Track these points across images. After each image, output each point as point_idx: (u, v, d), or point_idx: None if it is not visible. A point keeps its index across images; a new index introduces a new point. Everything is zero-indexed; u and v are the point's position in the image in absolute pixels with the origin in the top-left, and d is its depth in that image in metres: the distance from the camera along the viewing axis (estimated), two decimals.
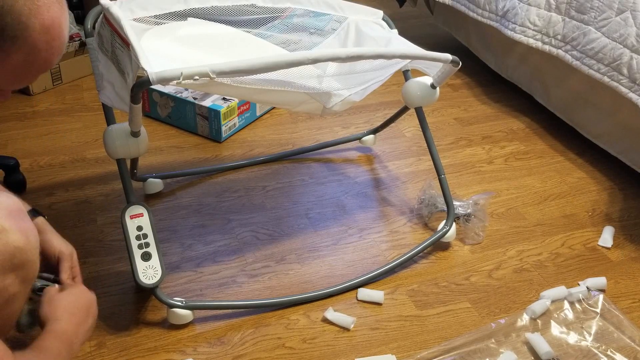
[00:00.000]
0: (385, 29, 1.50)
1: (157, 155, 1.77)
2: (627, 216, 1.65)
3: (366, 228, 1.54)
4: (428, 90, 1.48)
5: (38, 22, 0.80)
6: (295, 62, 1.03)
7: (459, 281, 1.39)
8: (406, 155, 1.86)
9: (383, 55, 1.13)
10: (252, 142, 1.87)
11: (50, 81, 2.10)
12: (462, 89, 2.30)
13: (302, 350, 1.20)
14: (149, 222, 1.20)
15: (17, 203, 0.88)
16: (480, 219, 1.52)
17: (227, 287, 1.34)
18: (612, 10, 1.67)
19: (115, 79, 1.21)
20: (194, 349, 1.19)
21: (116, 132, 1.20)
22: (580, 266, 1.46)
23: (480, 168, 1.82)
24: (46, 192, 1.59)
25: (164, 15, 1.30)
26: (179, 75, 0.96)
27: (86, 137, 1.84)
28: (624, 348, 1.24)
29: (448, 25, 2.51)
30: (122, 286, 1.32)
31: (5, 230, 0.81)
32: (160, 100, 1.91)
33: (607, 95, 1.76)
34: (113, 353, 1.17)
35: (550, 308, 1.32)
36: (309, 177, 1.72)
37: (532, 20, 1.93)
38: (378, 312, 1.30)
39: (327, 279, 1.38)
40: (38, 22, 0.80)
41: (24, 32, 0.79)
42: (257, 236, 1.49)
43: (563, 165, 1.85)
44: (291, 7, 1.44)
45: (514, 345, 1.23)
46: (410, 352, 1.21)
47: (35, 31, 0.80)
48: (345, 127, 1.98)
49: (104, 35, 1.22)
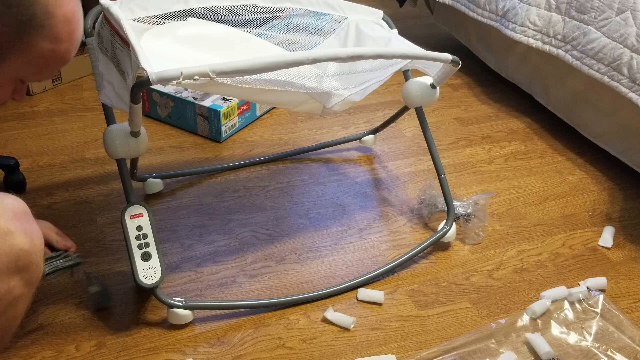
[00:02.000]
0: (385, 29, 1.50)
1: (157, 155, 1.77)
2: (627, 216, 1.64)
3: (366, 228, 1.54)
4: (428, 90, 1.48)
5: (61, 13, 0.84)
6: (295, 62, 1.03)
7: (459, 281, 1.39)
8: (406, 155, 1.86)
9: (383, 55, 1.13)
10: (252, 142, 1.87)
11: (50, 81, 2.10)
12: (462, 89, 2.30)
13: (302, 350, 1.20)
14: (149, 222, 1.20)
15: (23, 205, 0.88)
16: (480, 219, 1.52)
17: (227, 287, 1.33)
18: (612, 10, 1.67)
19: (115, 79, 1.21)
20: (194, 349, 1.19)
21: (116, 132, 1.20)
22: (580, 266, 1.46)
23: (480, 168, 1.82)
24: (46, 192, 1.59)
25: (164, 15, 1.30)
26: (179, 75, 0.96)
27: (86, 137, 1.84)
28: (624, 348, 1.24)
29: (448, 25, 2.51)
30: (122, 286, 1.32)
31: (10, 232, 0.82)
32: (160, 100, 1.91)
33: (607, 95, 1.76)
34: (113, 353, 1.17)
35: (550, 308, 1.32)
36: (309, 177, 1.72)
37: (532, 20, 1.93)
38: (378, 312, 1.30)
39: (327, 279, 1.38)
40: (61, 12, 0.84)
41: (50, 20, 0.82)
42: (257, 236, 1.49)
43: (563, 165, 1.85)
44: (291, 7, 1.44)
45: (514, 345, 1.23)
46: (410, 352, 1.21)
47: (59, 21, 0.84)
48: (345, 127, 1.98)
49: (103, 35, 1.22)
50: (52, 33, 0.84)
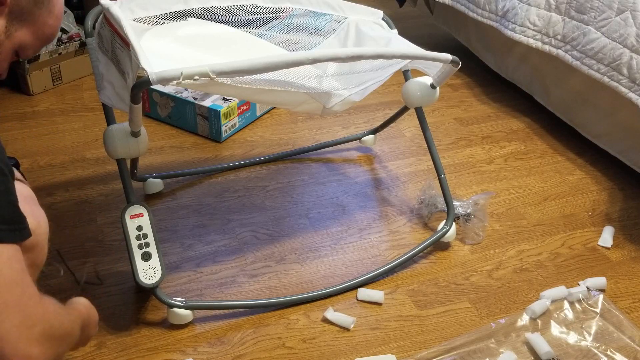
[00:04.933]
0: (385, 29, 1.50)
1: (157, 155, 1.77)
2: (627, 216, 1.65)
3: (366, 228, 1.54)
4: (428, 90, 1.48)
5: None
6: (295, 62, 1.03)
7: (459, 281, 1.39)
8: (406, 155, 1.86)
9: (383, 55, 1.13)
10: (252, 142, 1.87)
11: (50, 81, 2.10)
12: (462, 89, 2.30)
13: (302, 350, 1.20)
14: (149, 222, 1.21)
15: (29, 190, 0.95)
16: (480, 219, 1.52)
17: (227, 287, 1.34)
18: (612, 10, 1.67)
19: (115, 79, 1.21)
20: (194, 349, 1.19)
21: (116, 132, 1.20)
22: (580, 266, 1.46)
23: (480, 168, 1.82)
24: (46, 192, 1.59)
25: (164, 15, 1.30)
26: (179, 75, 0.96)
27: (86, 137, 1.84)
28: (624, 348, 1.24)
29: (448, 25, 2.51)
30: (122, 286, 1.32)
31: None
32: (160, 100, 1.91)
33: (607, 95, 1.76)
34: (113, 353, 1.17)
35: (550, 308, 1.32)
36: (309, 177, 1.72)
37: (532, 20, 1.93)
38: (378, 312, 1.30)
39: (327, 279, 1.38)
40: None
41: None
42: (257, 236, 1.49)
43: (563, 165, 1.85)
44: (291, 7, 1.44)
45: (513, 345, 1.23)
46: (410, 352, 1.21)
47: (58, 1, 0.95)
48: (345, 127, 1.98)
49: (104, 35, 1.22)
50: (53, 10, 0.93)
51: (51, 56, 2.05)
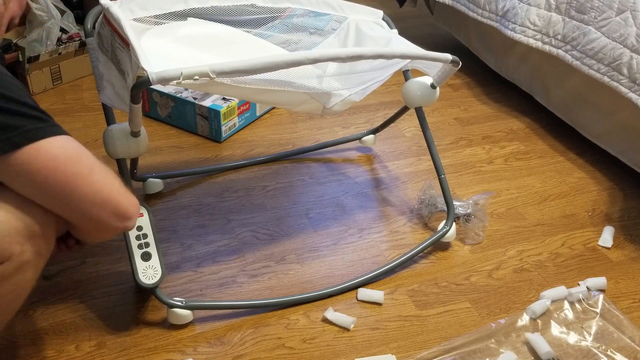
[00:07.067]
0: (385, 29, 1.50)
1: (157, 155, 1.77)
2: (627, 216, 1.65)
3: (366, 228, 1.54)
4: (428, 90, 1.48)
5: None
6: (295, 62, 1.03)
7: (459, 281, 1.39)
8: (406, 155, 1.86)
9: (383, 55, 1.13)
10: (252, 142, 1.87)
11: (50, 81, 2.10)
12: (462, 89, 2.30)
13: (302, 350, 1.20)
14: (149, 222, 1.20)
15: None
16: (480, 219, 1.52)
17: (227, 287, 1.34)
18: (612, 10, 1.67)
19: (115, 79, 1.21)
20: (194, 349, 1.19)
21: (116, 132, 1.20)
22: (580, 266, 1.46)
23: (480, 168, 1.82)
24: None
25: (164, 15, 1.30)
26: (179, 75, 0.96)
27: (86, 137, 1.84)
28: (624, 348, 1.24)
29: (448, 25, 2.51)
30: (122, 286, 1.32)
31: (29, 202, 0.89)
32: (160, 100, 1.91)
33: (607, 95, 1.76)
34: (113, 353, 1.17)
35: (550, 308, 1.32)
36: (309, 177, 1.72)
37: (532, 20, 1.93)
38: (378, 312, 1.30)
39: (327, 279, 1.38)
40: None
41: None
42: (257, 236, 1.49)
43: (563, 165, 1.85)
44: (291, 7, 1.44)
45: (514, 345, 1.23)
46: (410, 352, 1.21)
47: None
48: (345, 127, 1.98)
49: (104, 35, 1.22)
50: None
51: (51, 56, 2.05)
